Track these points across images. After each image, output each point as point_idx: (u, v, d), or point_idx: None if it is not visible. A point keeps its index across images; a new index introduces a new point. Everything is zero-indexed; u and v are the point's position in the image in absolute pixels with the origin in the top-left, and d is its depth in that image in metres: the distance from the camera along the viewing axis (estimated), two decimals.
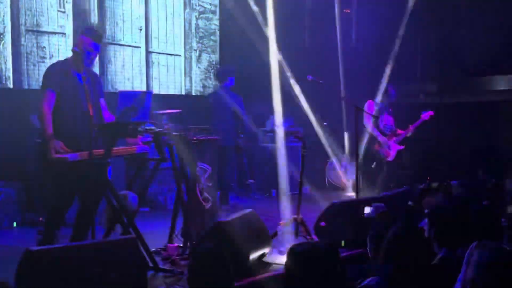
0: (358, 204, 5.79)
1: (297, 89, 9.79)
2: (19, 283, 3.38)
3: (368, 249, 3.80)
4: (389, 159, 8.23)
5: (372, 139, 8.21)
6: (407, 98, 9.54)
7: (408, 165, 8.78)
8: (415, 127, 8.21)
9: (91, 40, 4.87)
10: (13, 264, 3.49)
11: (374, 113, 8.02)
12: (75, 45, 4.92)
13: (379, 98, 8.46)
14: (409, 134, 8.26)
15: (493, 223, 3.63)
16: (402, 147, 8.32)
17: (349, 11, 11.01)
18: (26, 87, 7.46)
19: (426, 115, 8.22)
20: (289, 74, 9.69)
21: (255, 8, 9.86)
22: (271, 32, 9.74)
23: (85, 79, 4.62)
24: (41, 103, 4.74)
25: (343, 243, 5.62)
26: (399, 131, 8.34)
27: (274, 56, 9.79)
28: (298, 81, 9.53)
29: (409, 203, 4.66)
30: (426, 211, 4.45)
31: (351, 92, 10.25)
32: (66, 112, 4.78)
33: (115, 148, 4.63)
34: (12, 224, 6.74)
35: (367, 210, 4.66)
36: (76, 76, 4.81)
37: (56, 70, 4.89)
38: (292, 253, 2.86)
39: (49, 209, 5.04)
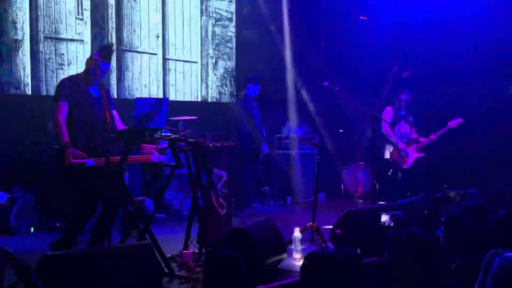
0: (374, 212, 5.76)
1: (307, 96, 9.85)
2: None
3: (385, 256, 3.77)
4: (406, 166, 8.13)
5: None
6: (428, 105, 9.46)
7: (425, 173, 8.68)
8: (439, 135, 8.07)
9: (100, 59, 5.00)
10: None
11: (390, 120, 7.97)
12: (91, 58, 5.04)
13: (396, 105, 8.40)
14: (434, 139, 8.12)
15: (511, 231, 3.60)
16: (422, 154, 8.19)
17: (366, 18, 11.00)
18: (44, 93, 7.54)
19: (453, 122, 8.05)
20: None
21: (270, 15, 9.92)
22: (286, 39, 9.79)
23: (100, 87, 4.70)
24: (54, 113, 4.90)
25: (358, 251, 5.59)
26: (421, 139, 8.23)
27: (290, 63, 9.84)
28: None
29: (425, 211, 4.62)
30: (442, 219, 4.41)
31: (368, 99, 10.23)
32: (81, 121, 4.91)
33: (131, 157, 4.68)
34: (30, 229, 6.80)
35: (384, 218, 4.62)
36: (88, 89, 5.00)
37: (69, 83, 5.04)
38: (309, 261, 2.85)
39: (71, 215, 5.11)
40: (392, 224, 4.52)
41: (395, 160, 8.11)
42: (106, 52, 5.08)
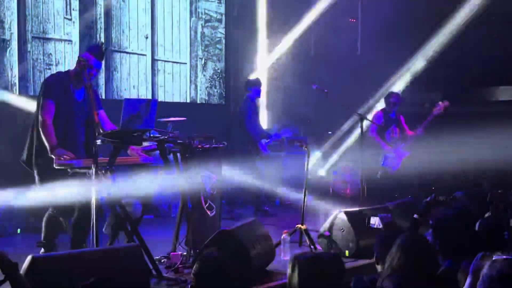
0: (362, 214, 5.78)
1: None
2: None
3: (374, 259, 3.78)
4: (394, 168, 8.08)
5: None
6: (412, 107, 9.49)
7: (412, 175, 8.68)
8: (425, 127, 7.92)
9: (93, 57, 4.96)
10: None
11: (381, 123, 7.91)
12: (79, 60, 4.99)
13: (385, 108, 8.35)
14: (420, 133, 7.98)
15: (499, 235, 3.62)
16: (408, 153, 8.10)
17: (355, 20, 11.04)
18: (31, 93, 7.48)
19: (439, 108, 7.81)
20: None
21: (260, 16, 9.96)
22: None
23: (88, 88, 4.69)
24: (41, 112, 4.86)
25: (347, 253, 5.61)
26: (408, 132, 8.13)
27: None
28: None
29: (415, 216, 4.62)
30: (430, 221, 4.42)
31: (356, 101, 10.25)
32: (57, 125, 4.92)
33: (119, 158, 4.66)
34: (16, 231, 6.75)
35: (373, 220, 4.63)
36: (74, 92, 4.99)
37: (56, 83, 4.99)
38: (295, 263, 2.86)
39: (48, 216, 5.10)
40: (381, 227, 4.52)
41: (383, 166, 8.01)
42: (98, 51, 5.05)
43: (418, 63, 10.12)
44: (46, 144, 4.78)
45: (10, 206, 6.71)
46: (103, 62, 8.07)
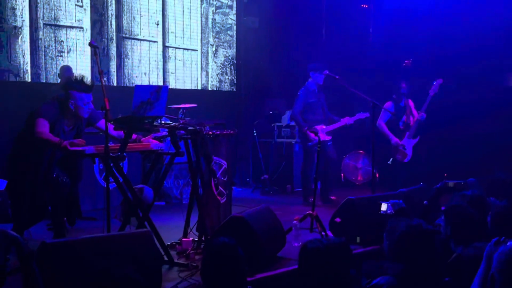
0: (374, 200, 5.76)
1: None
2: None
3: (384, 246, 3.77)
4: (406, 160, 7.94)
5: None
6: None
7: (424, 162, 8.62)
8: (425, 109, 7.79)
9: (84, 94, 5.04)
10: None
11: (390, 115, 7.77)
12: (68, 99, 5.12)
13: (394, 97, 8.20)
14: (421, 117, 7.86)
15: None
16: (417, 139, 8.00)
17: (366, 6, 10.94)
18: (43, 80, 7.51)
19: (434, 88, 7.74)
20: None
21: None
22: None
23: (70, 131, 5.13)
24: (36, 128, 4.98)
25: (358, 239, 5.60)
26: (411, 118, 8.03)
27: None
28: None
29: (425, 202, 4.60)
30: (442, 208, 4.41)
31: (368, 88, 10.19)
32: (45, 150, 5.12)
33: (130, 144, 4.69)
34: None
35: (384, 207, 4.61)
36: (64, 123, 5.18)
37: (52, 111, 5.12)
38: (304, 250, 2.86)
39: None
40: (392, 213, 4.50)
41: (395, 157, 7.93)
42: (83, 85, 5.13)
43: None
44: (51, 145, 4.91)
45: None
46: (114, 50, 8.17)
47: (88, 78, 5.28)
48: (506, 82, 9.82)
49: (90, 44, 4.79)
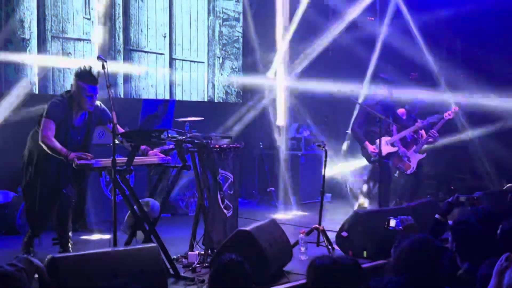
0: (380, 214, 5.74)
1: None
2: None
3: (392, 260, 3.75)
4: (409, 171, 7.78)
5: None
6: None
7: (430, 175, 8.58)
8: (438, 129, 7.68)
9: (88, 85, 5.01)
10: None
11: (402, 123, 7.66)
12: (74, 89, 5.10)
13: (409, 108, 8.09)
14: (432, 140, 7.75)
15: None
16: (423, 155, 7.88)
17: (373, 19, 10.96)
18: (51, 92, 7.54)
19: (449, 113, 7.60)
20: None
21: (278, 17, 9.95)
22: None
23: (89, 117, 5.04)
24: (42, 130, 5.00)
25: (365, 253, 5.57)
26: (421, 136, 7.91)
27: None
28: None
29: (436, 216, 4.58)
30: (450, 222, 4.38)
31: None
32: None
33: (137, 158, 4.69)
34: None
35: (393, 223, 4.58)
36: (73, 118, 5.17)
37: (60, 108, 5.11)
38: (313, 266, 2.84)
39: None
40: (400, 229, 4.48)
41: (397, 167, 7.79)
42: (88, 76, 5.10)
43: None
44: (58, 155, 4.89)
45: None
46: (121, 62, 8.20)
47: (95, 70, 5.16)
48: None
49: (98, 58, 4.81)
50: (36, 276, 3.00)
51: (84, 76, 5.08)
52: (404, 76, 9.33)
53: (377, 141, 7.15)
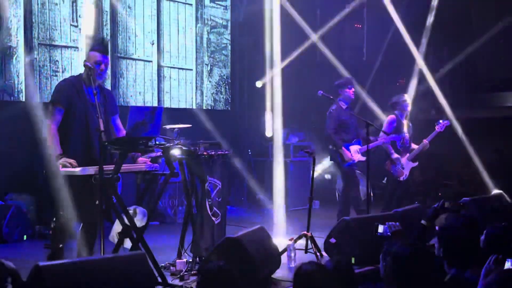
0: (369, 220, 5.75)
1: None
2: None
3: (380, 267, 3.76)
4: (403, 178, 7.77)
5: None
6: (419, 113, 9.47)
7: (419, 182, 8.62)
8: (430, 141, 7.66)
9: (98, 53, 4.92)
10: (23, 278, 3.49)
11: (393, 129, 7.61)
12: (85, 60, 4.94)
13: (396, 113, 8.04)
14: (424, 149, 7.71)
15: (506, 244, 3.58)
16: (416, 164, 7.86)
17: (360, 26, 11.03)
18: (38, 100, 7.50)
19: (441, 126, 7.66)
20: None
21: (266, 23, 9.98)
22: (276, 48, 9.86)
23: (96, 94, 4.64)
24: (48, 118, 4.79)
25: (353, 260, 5.58)
26: (413, 145, 7.90)
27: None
28: None
29: (422, 222, 4.60)
30: (437, 228, 4.40)
31: (361, 107, 10.25)
32: (77, 128, 4.81)
33: (124, 165, 4.65)
34: (23, 237, 6.76)
35: (381, 229, 4.59)
36: (88, 92, 4.86)
37: (68, 86, 4.90)
38: (299, 273, 2.85)
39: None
40: (388, 235, 4.49)
41: (390, 172, 7.74)
42: (100, 45, 5.01)
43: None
44: (51, 151, 4.74)
45: (16, 213, 6.74)
46: (109, 70, 8.18)
47: (107, 40, 5.10)
48: (499, 101, 9.89)
49: (85, 65, 4.79)
50: (10, 279, 2.97)
51: (95, 45, 5.03)
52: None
53: (351, 147, 7.31)
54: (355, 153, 7.39)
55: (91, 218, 4.78)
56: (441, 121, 7.81)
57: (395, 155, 7.59)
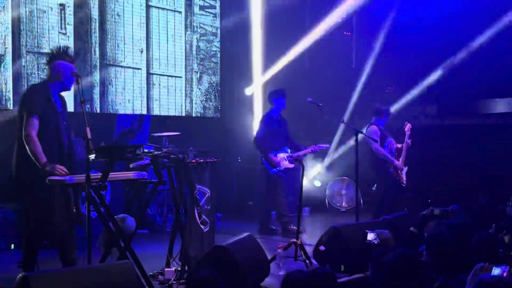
0: (358, 228, 5.74)
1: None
2: None
3: (369, 275, 3.74)
4: (404, 183, 7.78)
5: (382, 163, 7.75)
6: (408, 120, 9.46)
7: (408, 188, 8.59)
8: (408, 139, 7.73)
9: (68, 63, 4.91)
10: None
11: (378, 139, 7.60)
12: (55, 70, 4.92)
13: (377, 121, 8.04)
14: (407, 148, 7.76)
15: (494, 251, 3.59)
16: (406, 168, 7.87)
17: (349, 33, 11.07)
18: None
19: (408, 127, 7.75)
20: None
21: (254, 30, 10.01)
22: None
23: (63, 104, 4.82)
24: (28, 129, 4.75)
25: (342, 267, 5.56)
26: (398, 145, 7.88)
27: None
28: None
29: (411, 229, 4.61)
30: (425, 234, 4.40)
31: (352, 115, 10.27)
32: (50, 136, 4.83)
33: (112, 173, 4.63)
34: (10, 246, 6.70)
35: (370, 236, 4.59)
36: (55, 100, 4.93)
37: (39, 94, 4.89)
38: (287, 281, 2.83)
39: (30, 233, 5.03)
40: (378, 242, 4.49)
41: (396, 178, 7.71)
42: (67, 54, 4.97)
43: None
44: (36, 160, 4.71)
45: (3, 222, 6.68)
46: (98, 77, 8.16)
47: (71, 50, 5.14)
48: (488, 108, 9.93)
49: (72, 73, 4.77)
50: None
51: (65, 55, 4.97)
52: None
53: (279, 155, 7.72)
54: (282, 160, 7.74)
55: (63, 226, 4.78)
56: (406, 122, 7.87)
57: (397, 162, 7.60)
